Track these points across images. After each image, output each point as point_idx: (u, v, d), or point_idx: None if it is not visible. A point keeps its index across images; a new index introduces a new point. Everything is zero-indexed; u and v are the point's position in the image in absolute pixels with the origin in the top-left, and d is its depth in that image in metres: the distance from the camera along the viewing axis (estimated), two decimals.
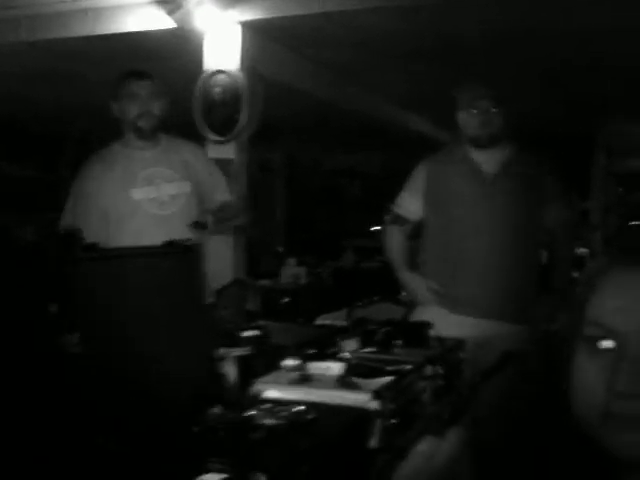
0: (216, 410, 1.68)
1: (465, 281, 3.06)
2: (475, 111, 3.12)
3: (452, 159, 3.27)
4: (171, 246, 1.78)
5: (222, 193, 3.30)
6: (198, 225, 3.00)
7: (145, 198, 3.06)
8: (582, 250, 7.42)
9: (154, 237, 2.49)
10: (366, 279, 6.69)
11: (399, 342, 2.33)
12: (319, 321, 3.60)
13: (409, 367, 2.06)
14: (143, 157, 3.16)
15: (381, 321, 2.52)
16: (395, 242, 3.31)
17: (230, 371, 2.00)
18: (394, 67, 6.32)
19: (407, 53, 5.81)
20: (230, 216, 3.25)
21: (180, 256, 1.78)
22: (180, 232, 2.92)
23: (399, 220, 3.30)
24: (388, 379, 1.94)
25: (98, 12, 5.08)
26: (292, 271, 6.42)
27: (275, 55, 5.61)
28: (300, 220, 11.10)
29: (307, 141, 10.42)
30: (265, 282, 6.12)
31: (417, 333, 2.38)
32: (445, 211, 3.16)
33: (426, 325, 2.44)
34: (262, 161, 10.83)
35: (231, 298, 3.12)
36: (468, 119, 3.14)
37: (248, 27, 4.92)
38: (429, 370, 2.16)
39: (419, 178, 3.26)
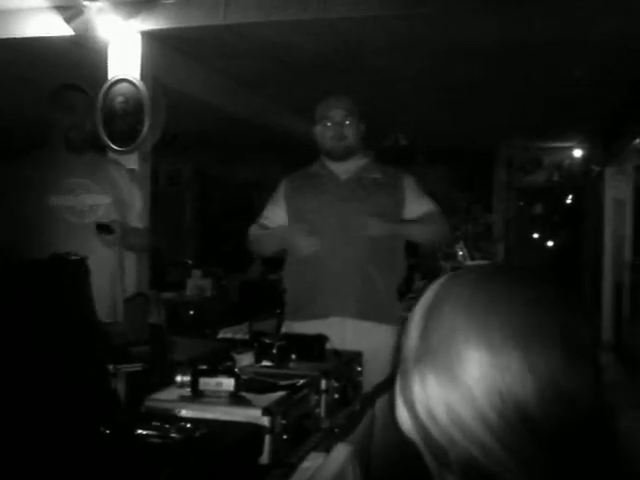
0: (105, 429, 1.64)
1: (325, 289, 3.08)
2: (329, 123, 3.18)
3: (309, 172, 3.33)
4: (58, 260, 1.72)
5: (137, 219, 3.29)
6: (102, 228, 2.95)
7: (62, 205, 3.03)
8: (483, 262, 7.61)
9: (68, 245, 2.44)
10: (272, 291, 6.67)
11: (294, 356, 2.32)
12: (221, 334, 3.56)
13: (302, 381, 2.05)
14: (67, 167, 3.16)
15: (277, 334, 2.51)
16: (256, 229, 3.32)
17: (120, 387, 1.96)
18: (298, 79, 6.35)
19: (309, 65, 5.86)
20: (136, 243, 3.27)
21: (67, 270, 1.73)
22: (96, 242, 2.91)
23: (263, 227, 3.33)
24: (280, 394, 1.93)
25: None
26: (197, 283, 6.35)
27: (179, 66, 5.57)
28: (210, 232, 11.01)
29: (215, 153, 10.37)
30: (170, 295, 6.03)
31: (313, 346, 2.38)
32: (302, 220, 3.19)
33: (322, 338, 2.44)
34: (171, 173, 10.71)
35: (133, 312, 3.07)
36: (322, 131, 3.21)
37: (150, 37, 4.87)
38: (324, 384, 2.16)
39: (280, 191, 3.31)
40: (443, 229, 3.35)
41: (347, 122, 3.18)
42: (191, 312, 5.55)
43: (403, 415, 0.86)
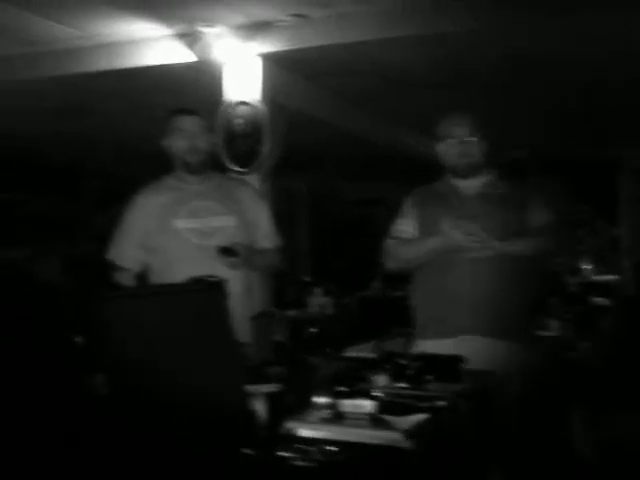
0: (248, 451, 1.63)
1: (457, 307, 3.00)
2: (453, 141, 3.12)
3: (435, 188, 3.28)
4: (197, 283, 1.74)
5: (264, 239, 3.28)
6: (226, 251, 2.97)
7: (187, 228, 3.07)
8: (610, 277, 7.32)
9: (195, 267, 2.47)
10: (393, 309, 6.62)
11: (430, 377, 2.26)
12: (347, 353, 3.53)
13: (442, 403, 2.00)
14: (192, 190, 3.17)
15: (412, 355, 2.46)
16: (393, 244, 3.26)
17: (260, 409, 1.95)
18: (413, 96, 6.32)
19: (425, 82, 5.82)
20: (262, 263, 3.25)
21: (206, 293, 1.74)
22: (220, 264, 2.91)
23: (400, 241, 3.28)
24: (420, 416, 1.88)
25: (117, 47, 5.12)
26: (319, 301, 6.36)
27: (295, 86, 5.62)
28: (326, 249, 11.05)
29: (329, 170, 10.42)
30: (292, 313, 6.07)
31: (449, 367, 2.31)
32: (433, 234, 3.12)
33: (458, 359, 2.37)
34: (285, 191, 10.83)
35: (259, 330, 3.07)
36: (447, 149, 3.15)
37: (268, 59, 4.93)
38: (463, 405, 2.09)
39: (408, 206, 3.26)
40: (564, 241, 3.24)
41: (471, 139, 3.13)
42: (313, 330, 5.54)
43: None
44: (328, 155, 9.08)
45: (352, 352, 3.63)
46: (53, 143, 8.42)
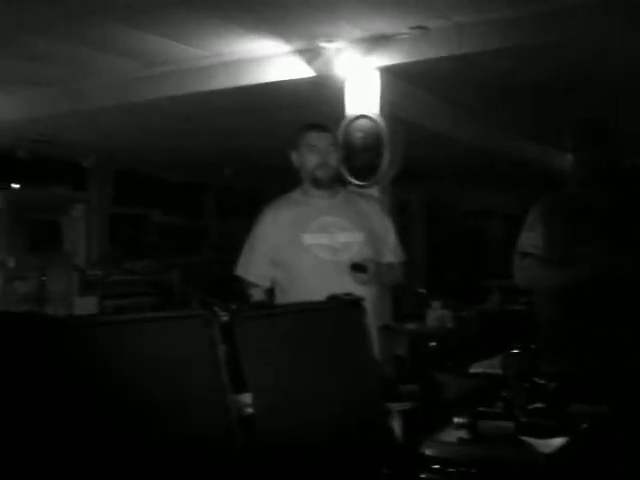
0: (387, 470, 1.62)
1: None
2: (581, 152, 3.07)
3: (561, 196, 3.22)
4: (336, 300, 1.75)
5: (391, 253, 3.26)
6: (357, 267, 2.96)
7: (315, 243, 3.07)
8: None
9: (324, 283, 2.48)
10: (512, 323, 6.48)
11: (568, 397, 2.19)
12: (473, 369, 3.47)
13: (584, 426, 1.93)
14: (319, 205, 3.17)
15: (546, 373, 2.39)
16: (529, 264, 3.18)
17: (395, 427, 1.94)
18: (532, 105, 6.20)
19: (540, 91, 5.71)
20: (389, 279, 3.24)
21: (346, 310, 1.74)
22: (350, 280, 2.91)
23: (527, 257, 3.19)
24: (562, 439, 1.82)
25: (238, 65, 5.24)
26: (437, 314, 6.29)
27: (413, 98, 5.60)
28: (440, 261, 10.95)
29: (444, 182, 10.34)
30: (411, 326, 6.02)
31: (589, 387, 2.24)
32: (560, 246, 3.03)
33: (596, 377, 2.29)
34: (400, 202, 10.82)
35: (380, 344, 3.06)
36: (574, 159, 3.08)
37: (386, 72, 4.94)
38: (605, 428, 2.02)
39: (535, 216, 3.19)
40: None
41: (601, 150, 3.05)
42: (432, 344, 5.50)
43: None
44: (443, 166, 9.02)
45: (479, 368, 3.57)
46: (177, 159, 8.71)
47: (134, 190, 9.52)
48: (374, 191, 4.83)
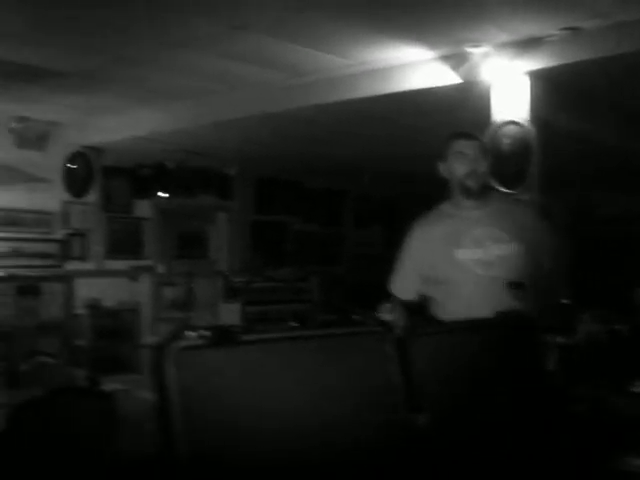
0: None
1: None
2: None
3: None
4: (507, 317, 1.69)
5: (549, 260, 3.12)
6: (514, 285, 2.85)
7: (469, 259, 2.98)
8: None
9: (480, 299, 2.41)
10: None
11: None
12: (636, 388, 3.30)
13: None
14: (471, 217, 3.06)
15: None
16: None
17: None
18: None
19: None
20: (545, 290, 3.09)
21: (516, 327, 1.68)
22: (504, 295, 2.80)
23: None
24: None
25: (383, 72, 5.23)
26: (588, 327, 6.04)
27: (564, 103, 5.41)
28: (584, 270, 10.55)
29: (585, 187, 9.98)
30: (560, 339, 5.80)
31: None
32: None
33: None
34: (542, 208, 10.51)
35: None
36: None
37: (535, 76, 4.78)
38: None
39: None
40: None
41: None
42: (583, 358, 5.28)
43: None
44: (585, 171, 8.69)
45: None
46: (317, 166, 8.80)
47: (275, 197, 9.70)
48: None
